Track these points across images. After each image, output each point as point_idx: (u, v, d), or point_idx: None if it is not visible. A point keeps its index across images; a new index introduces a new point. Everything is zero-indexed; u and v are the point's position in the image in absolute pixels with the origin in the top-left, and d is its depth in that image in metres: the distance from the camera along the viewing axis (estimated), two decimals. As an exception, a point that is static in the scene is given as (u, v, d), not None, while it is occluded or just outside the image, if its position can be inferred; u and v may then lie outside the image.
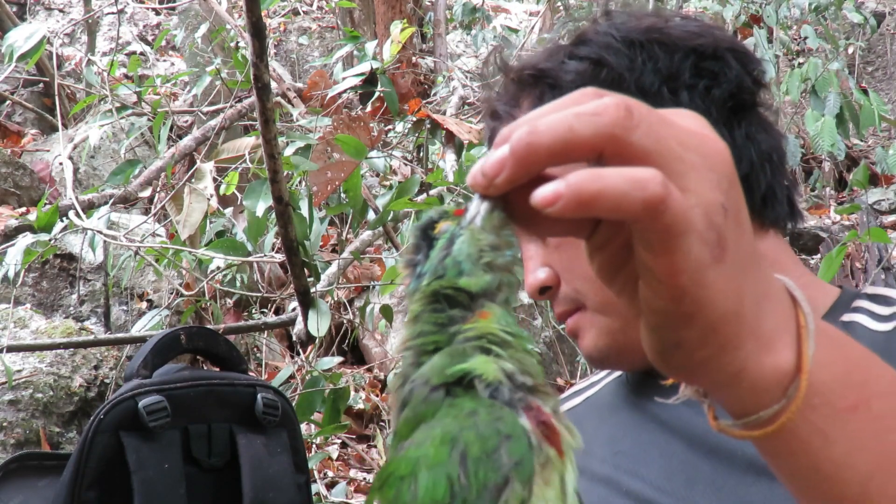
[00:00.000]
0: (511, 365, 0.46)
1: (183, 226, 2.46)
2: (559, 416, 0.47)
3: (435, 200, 2.46)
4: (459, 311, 0.48)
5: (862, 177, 3.29)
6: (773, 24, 4.72)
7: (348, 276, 3.96)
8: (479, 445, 0.43)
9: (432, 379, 0.47)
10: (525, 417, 0.45)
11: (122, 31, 7.06)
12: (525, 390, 0.46)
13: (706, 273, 0.43)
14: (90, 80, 3.86)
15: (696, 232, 0.43)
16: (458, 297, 0.48)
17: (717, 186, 0.44)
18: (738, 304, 0.45)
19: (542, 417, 0.45)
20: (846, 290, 0.87)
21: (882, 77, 7.06)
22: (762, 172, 0.85)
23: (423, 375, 0.47)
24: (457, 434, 0.43)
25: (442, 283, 0.49)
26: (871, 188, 5.44)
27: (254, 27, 1.76)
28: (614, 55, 0.83)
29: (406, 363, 0.49)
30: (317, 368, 2.20)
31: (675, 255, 0.43)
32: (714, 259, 0.43)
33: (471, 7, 6.25)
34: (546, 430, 0.45)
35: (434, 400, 0.46)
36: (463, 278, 0.48)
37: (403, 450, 0.45)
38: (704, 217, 0.43)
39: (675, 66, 0.83)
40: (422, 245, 0.52)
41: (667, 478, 0.81)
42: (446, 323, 0.48)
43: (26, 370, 2.94)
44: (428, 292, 0.49)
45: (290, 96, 4.33)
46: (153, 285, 3.90)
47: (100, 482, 0.94)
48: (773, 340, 0.47)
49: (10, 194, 4.75)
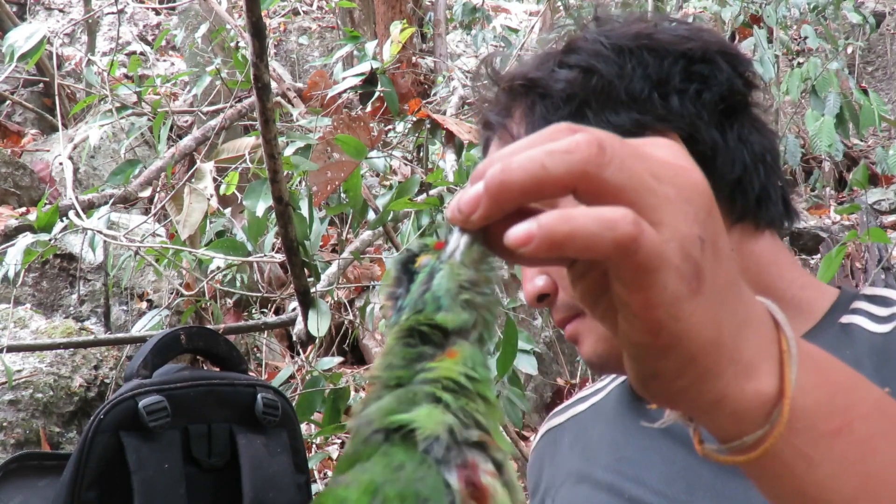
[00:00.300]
0: (455, 419, 0.46)
1: (183, 226, 2.46)
2: (503, 471, 0.47)
3: (435, 200, 2.46)
4: (430, 349, 0.49)
5: (862, 177, 3.29)
6: (773, 24, 4.72)
7: (348, 276, 3.96)
8: (397, 502, 0.43)
9: (375, 422, 0.47)
10: (456, 476, 0.45)
11: (122, 31, 7.06)
12: (467, 445, 0.46)
13: (683, 306, 0.43)
14: (90, 80, 3.86)
15: (671, 266, 0.42)
16: (431, 334, 0.49)
17: (694, 218, 0.44)
18: (716, 333, 0.45)
19: (474, 478, 0.45)
20: (845, 291, 0.87)
21: (882, 77, 7.06)
22: (756, 174, 0.85)
23: (368, 415, 0.48)
24: (380, 485, 0.44)
25: (419, 319, 0.49)
26: (871, 188, 5.44)
27: (254, 27, 1.76)
28: (604, 63, 0.83)
29: (371, 395, 0.49)
30: (317, 368, 2.20)
31: (650, 290, 0.43)
32: (691, 292, 0.43)
33: (471, 7, 6.25)
34: (475, 490, 0.45)
35: (373, 442, 0.47)
36: (440, 314, 0.49)
37: (336, 485, 0.46)
38: (680, 251, 0.43)
39: (665, 72, 0.83)
40: (402, 278, 0.52)
41: (668, 483, 0.81)
42: (415, 359, 0.48)
43: (26, 370, 2.94)
44: (405, 326, 0.50)
45: (290, 96, 4.33)
46: (153, 285, 3.90)
47: (100, 482, 0.94)
48: (754, 367, 0.47)
49: (10, 194, 4.75)
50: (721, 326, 0.45)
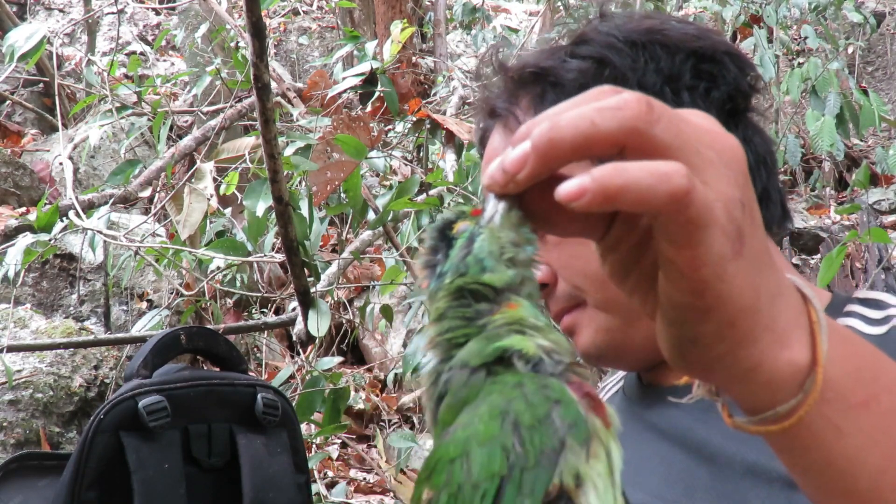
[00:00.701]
0: (548, 342, 0.46)
1: (183, 226, 2.46)
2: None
3: (435, 200, 2.46)
4: (486, 305, 0.48)
5: (863, 177, 3.29)
6: (773, 24, 4.72)
7: (348, 276, 3.96)
8: (530, 413, 0.42)
9: (471, 361, 0.46)
10: (569, 389, 0.45)
11: (122, 31, 7.06)
12: (563, 366, 0.46)
13: (727, 266, 0.44)
14: (90, 80, 3.86)
15: (718, 225, 0.43)
16: (483, 291, 0.48)
17: (734, 182, 0.44)
18: (754, 298, 0.45)
19: (586, 388, 0.45)
20: (837, 295, 0.87)
21: (882, 77, 7.05)
22: (758, 175, 0.86)
23: (460, 361, 0.47)
24: (505, 407, 0.43)
25: (466, 280, 0.49)
26: (871, 188, 5.44)
27: (254, 27, 1.76)
28: (617, 55, 0.84)
29: (435, 361, 0.48)
30: (317, 368, 2.19)
31: (699, 247, 0.43)
32: (734, 253, 0.44)
33: (471, 7, 6.25)
34: (591, 401, 0.45)
35: (475, 381, 0.46)
36: (486, 274, 0.48)
37: (449, 435, 0.44)
38: (725, 210, 0.43)
39: (676, 68, 0.84)
40: (440, 245, 0.51)
41: (667, 486, 0.81)
42: (474, 317, 0.48)
43: (26, 370, 2.94)
44: (452, 289, 0.49)
45: (290, 96, 4.33)
46: (153, 285, 3.90)
47: (100, 482, 0.94)
48: (787, 336, 0.47)
49: (10, 194, 4.75)
50: (759, 292, 0.45)
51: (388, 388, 4.04)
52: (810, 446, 0.49)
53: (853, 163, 5.88)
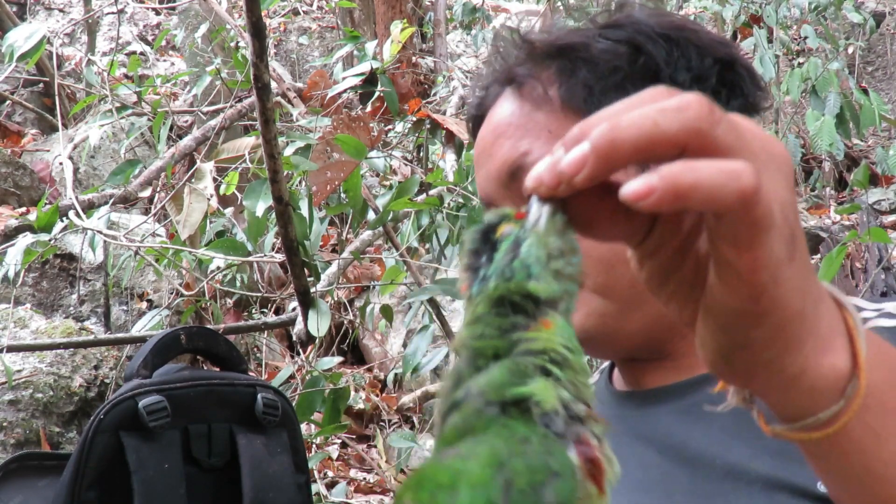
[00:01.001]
0: (568, 393, 0.45)
1: (183, 226, 2.46)
2: (603, 445, 0.46)
3: (435, 200, 2.46)
4: (523, 318, 0.47)
5: (863, 177, 3.29)
6: (773, 24, 4.72)
7: (348, 276, 3.96)
8: (526, 477, 0.41)
9: (490, 394, 0.45)
10: (574, 452, 0.44)
11: (122, 31, 7.06)
12: (577, 421, 0.45)
13: (783, 270, 0.43)
14: (90, 80, 3.86)
15: (777, 227, 0.43)
16: (524, 303, 0.47)
17: (788, 185, 0.44)
18: (802, 303, 0.45)
19: (590, 454, 0.45)
20: None
21: (882, 77, 7.06)
22: None
23: (480, 387, 0.46)
24: (505, 459, 0.42)
25: (510, 287, 0.47)
26: (871, 188, 5.44)
27: (254, 27, 1.76)
28: (652, 44, 0.83)
29: (461, 363, 0.48)
30: (317, 368, 2.19)
31: (760, 250, 0.42)
32: (789, 257, 0.43)
33: (471, 7, 6.25)
34: (592, 467, 0.44)
35: (487, 415, 0.45)
36: (532, 283, 0.47)
37: (447, 457, 0.44)
38: (781, 213, 0.43)
39: (704, 70, 0.84)
40: (483, 248, 0.50)
41: (645, 490, 0.80)
42: (509, 329, 0.47)
43: (26, 370, 2.94)
44: (494, 296, 0.48)
45: (290, 96, 4.33)
46: (153, 285, 3.90)
47: (100, 482, 0.94)
48: (830, 341, 0.47)
49: (10, 194, 4.75)
50: (805, 297, 0.45)
51: (388, 388, 4.04)
52: (849, 452, 0.49)
53: (853, 163, 5.88)
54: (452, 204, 2.51)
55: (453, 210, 2.47)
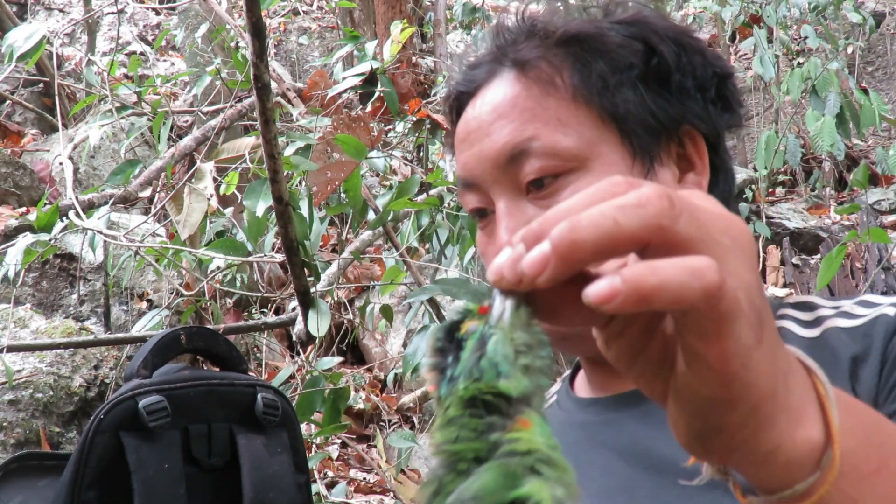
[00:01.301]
0: (560, 492, 0.45)
1: (183, 226, 2.46)
2: None
3: (435, 200, 2.46)
4: (499, 418, 0.46)
5: (862, 177, 3.29)
6: (773, 24, 4.72)
7: (348, 276, 3.96)
8: None
9: (486, 499, 0.44)
10: None
11: (122, 31, 7.06)
12: None
13: (752, 355, 0.43)
14: (90, 80, 3.86)
15: (744, 315, 0.42)
16: (496, 402, 0.46)
17: (751, 267, 0.44)
18: (773, 381, 0.45)
19: None
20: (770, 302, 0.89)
21: (882, 77, 7.06)
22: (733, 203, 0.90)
23: (473, 492, 0.45)
24: None
25: (480, 387, 0.46)
26: (871, 188, 5.44)
27: (254, 27, 1.76)
28: (665, 48, 0.83)
29: (439, 468, 0.47)
30: (317, 368, 2.19)
31: (728, 340, 0.42)
32: (757, 340, 0.43)
33: (471, 7, 6.25)
34: None
35: None
36: (502, 381, 0.46)
37: None
38: (747, 299, 0.42)
39: (706, 80, 0.85)
40: (448, 347, 0.49)
41: (608, 496, 0.80)
42: (485, 430, 0.46)
43: (26, 370, 2.94)
44: (466, 396, 0.47)
45: (290, 96, 4.33)
46: (153, 285, 3.90)
47: (100, 482, 0.94)
48: (801, 413, 0.47)
49: (10, 194, 4.75)
50: (776, 376, 0.45)
51: (388, 388, 4.04)
52: None
53: (853, 163, 5.88)
54: (452, 204, 2.51)
55: (453, 210, 2.47)
